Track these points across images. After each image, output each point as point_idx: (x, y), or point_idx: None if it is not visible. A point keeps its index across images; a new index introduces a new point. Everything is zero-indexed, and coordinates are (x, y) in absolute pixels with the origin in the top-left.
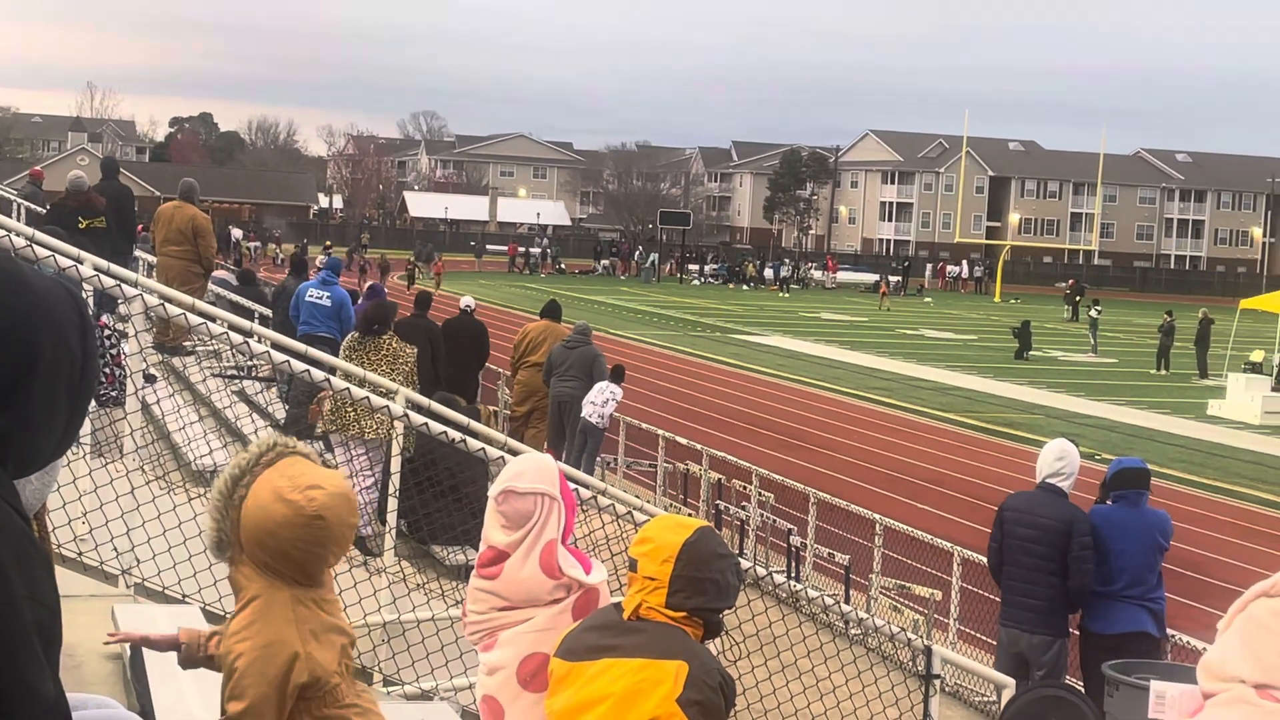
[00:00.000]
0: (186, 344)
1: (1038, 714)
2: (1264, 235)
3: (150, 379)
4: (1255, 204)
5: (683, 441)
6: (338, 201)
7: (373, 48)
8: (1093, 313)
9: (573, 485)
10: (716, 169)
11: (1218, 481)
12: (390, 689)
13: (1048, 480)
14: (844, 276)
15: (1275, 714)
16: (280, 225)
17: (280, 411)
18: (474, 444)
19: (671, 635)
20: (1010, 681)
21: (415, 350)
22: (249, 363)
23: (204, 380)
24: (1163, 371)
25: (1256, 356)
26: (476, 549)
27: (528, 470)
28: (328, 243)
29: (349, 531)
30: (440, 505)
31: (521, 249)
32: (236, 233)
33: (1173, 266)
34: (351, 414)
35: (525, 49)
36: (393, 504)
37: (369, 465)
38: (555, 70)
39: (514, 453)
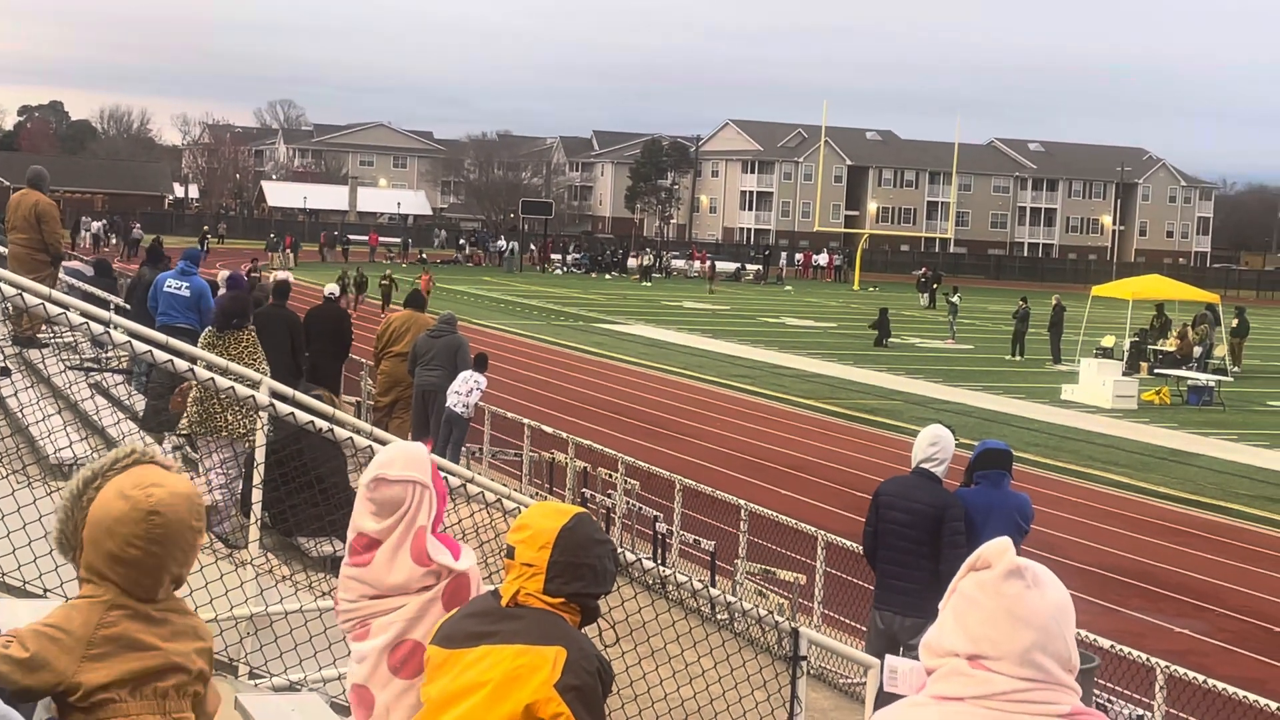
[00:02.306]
0: (41, 335)
1: None
2: (1114, 223)
3: (4, 372)
4: (1105, 193)
5: (548, 430)
6: (193, 191)
7: (228, 35)
8: (954, 299)
9: (442, 474)
10: (578, 158)
11: (1071, 464)
12: (257, 681)
13: (922, 465)
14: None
15: (987, 683)
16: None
17: (140, 403)
18: (341, 433)
19: (549, 621)
20: (876, 662)
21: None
22: (105, 355)
23: (61, 372)
24: (1018, 357)
25: (1108, 342)
26: (343, 540)
27: (398, 458)
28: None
29: (190, 535)
30: (305, 497)
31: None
32: (96, 225)
33: (1026, 254)
34: (216, 407)
35: (384, 37)
36: (257, 495)
37: (234, 457)
38: (415, 59)
39: (380, 443)
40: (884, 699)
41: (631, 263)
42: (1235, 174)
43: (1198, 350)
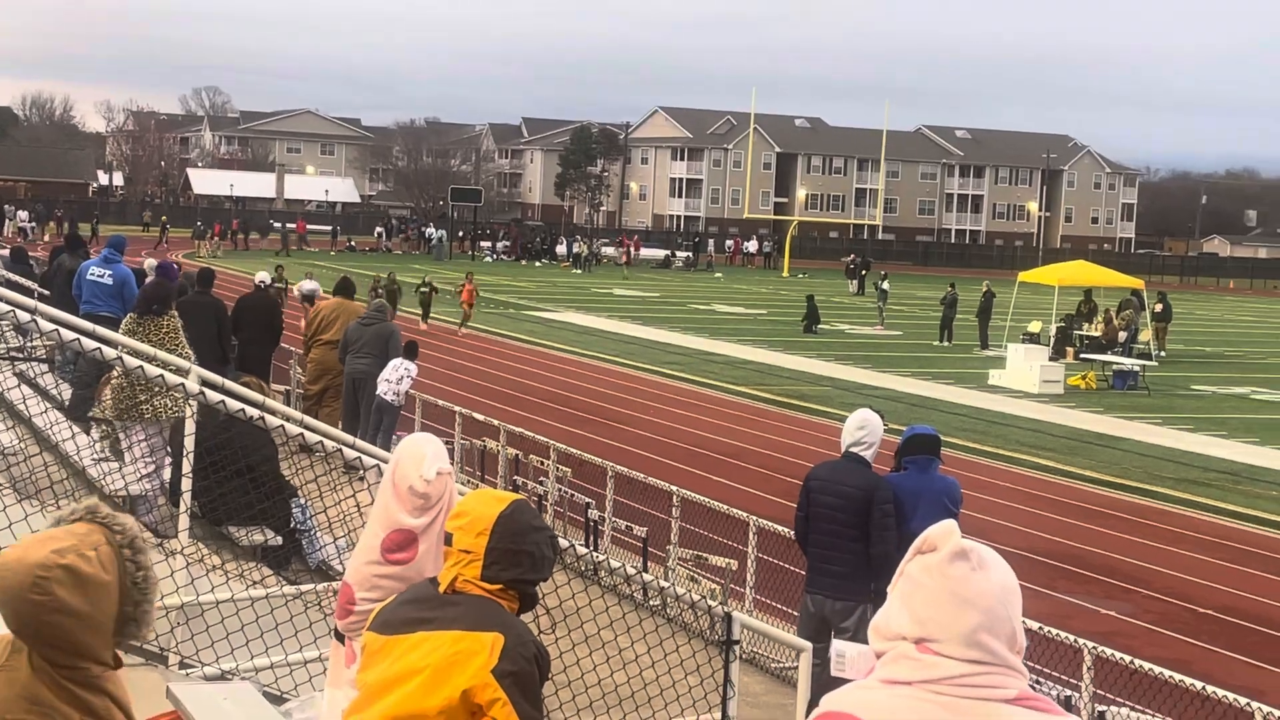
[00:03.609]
0: None
1: None
2: (1040, 210)
3: None
4: (1031, 179)
5: (479, 418)
6: (118, 179)
7: (153, 22)
8: (883, 286)
9: (374, 462)
10: (507, 145)
11: (998, 449)
12: (188, 670)
13: (850, 449)
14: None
15: (934, 667)
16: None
17: (65, 392)
18: (271, 422)
19: (487, 608)
20: (808, 645)
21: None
22: (29, 343)
23: None
24: (946, 343)
25: (1034, 327)
26: (272, 529)
27: (439, 450)
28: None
29: (20, 606)
30: (235, 485)
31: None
32: (23, 214)
33: (953, 241)
34: (139, 394)
35: (311, 23)
36: (187, 484)
37: (161, 445)
38: (343, 46)
39: (310, 430)
40: (832, 683)
41: (560, 250)
42: (1159, 161)
43: (1123, 335)
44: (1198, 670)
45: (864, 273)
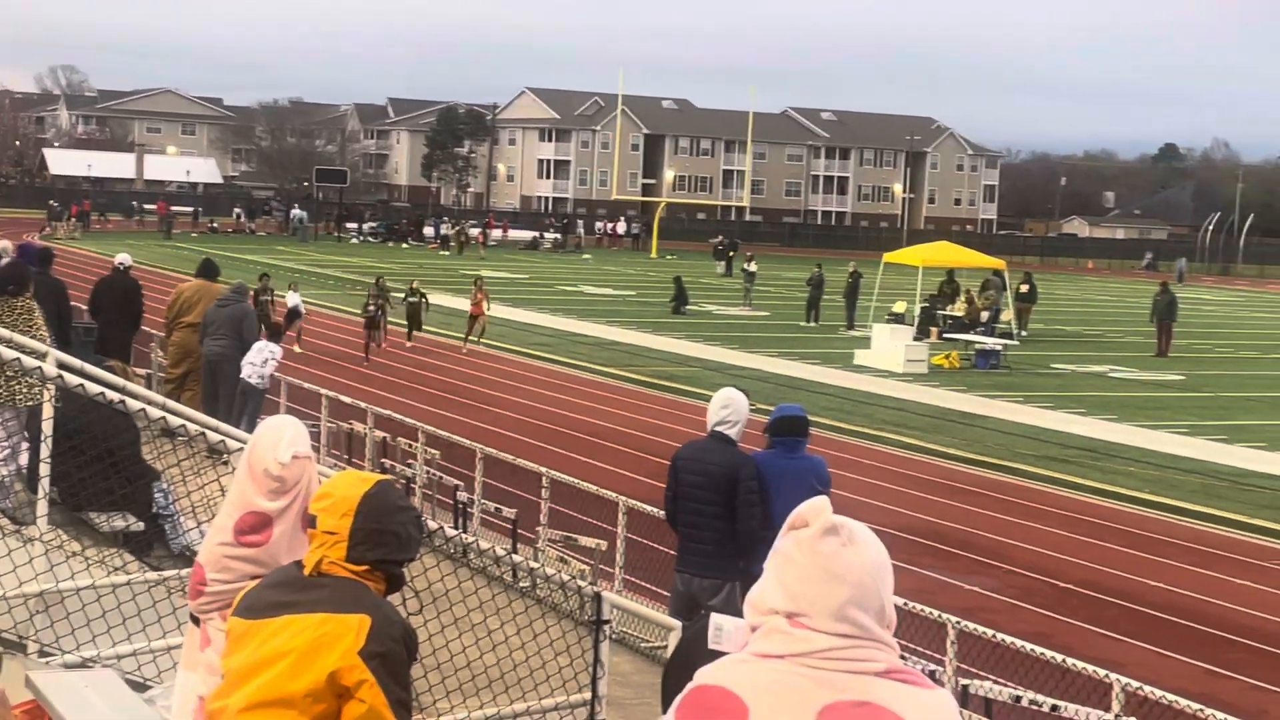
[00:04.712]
0: None
1: (702, 641)
2: (904, 191)
3: None
4: (896, 161)
5: (346, 400)
6: None
7: None
8: (749, 267)
9: (237, 446)
10: (373, 126)
11: (864, 427)
12: (48, 658)
13: (716, 428)
14: (497, 234)
15: (806, 640)
16: None
17: None
18: (132, 405)
19: (353, 589)
20: (678, 624)
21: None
22: None
23: None
24: (813, 323)
25: (899, 308)
26: (133, 515)
27: (299, 433)
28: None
29: None
30: (95, 470)
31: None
32: None
33: (820, 222)
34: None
35: (171, 1)
36: (45, 469)
37: (19, 429)
38: (203, 23)
39: (172, 414)
40: (709, 655)
41: (428, 231)
42: (1019, 143)
43: (985, 315)
44: (1058, 643)
45: (731, 254)
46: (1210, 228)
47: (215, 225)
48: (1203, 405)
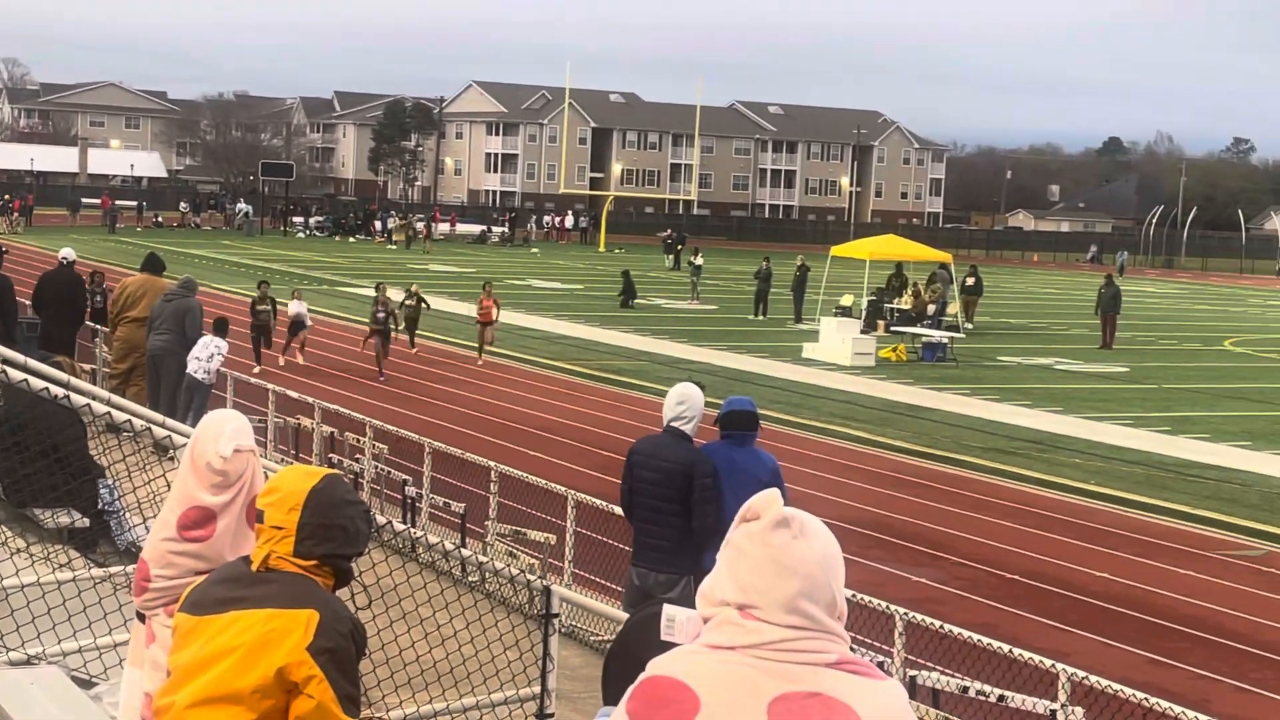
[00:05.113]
0: None
1: (647, 626)
2: (851, 185)
3: None
4: (843, 155)
5: (294, 395)
6: None
7: None
8: (695, 260)
9: (184, 441)
10: (319, 119)
11: (812, 420)
12: None
13: (671, 424)
14: (444, 228)
15: (757, 632)
16: None
17: None
18: (77, 401)
19: (301, 585)
20: (626, 618)
21: None
22: None
23: None
24: (761, 317)
25: (846, 301)
26: (79, 510)
27: (241, 427)
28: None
29: None
30: (40, 466)
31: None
32: None
33: (767, 216)
34: None
35: None
36: None
37: None
38: (147, 16)
39: (117, 409)
40: (649, 645)
41: (374, 225)
42: (965, 137)
43: (932, 308)
44: (1005, 634)
45: (679, 248)
46: (1154, 221)
47: (160, 219)
48: (1146, 397)
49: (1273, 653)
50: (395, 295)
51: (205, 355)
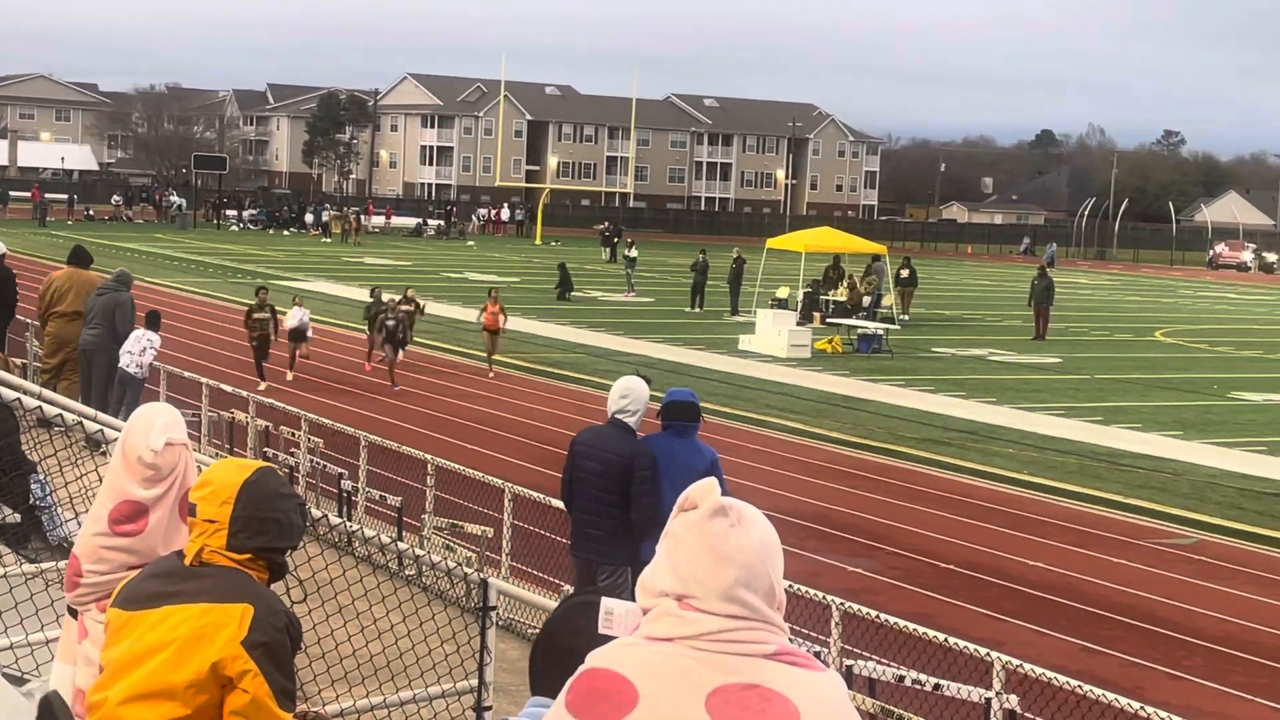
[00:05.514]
0: None
1: (571, 616)
2: (786, 177)
3: None
4: (778, 147)
5: (228, 389)
6: None
7: None
8: (631, 252)
9: (115, 435)
10: (252, 112)
11: (749, 412)
12: None
13: (615, 416)
14: (380, 220)
15: (695, 623)
16: None
17: None
18: (7, 395)
19: (236, 579)
20: None
21: None
22: None
23: None
24: (697, 309)
25: (782, 293)
26: (9, 506)
27: (172, 421)
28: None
29: None
30: None
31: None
32: None
33: (703, 208)
34: None
35: None
36: None
37: None
38: (76, 7)
39: (48, 403)
40: (589, 635)
41: (310, 218)
42: (900, 130)
43: (867, 300)
44: (941, 623)
45: (616, 240)
46: (1086, 213)
47: (91, 213)
48: (1079, 387)
49: (1204, 640)
50: (387, 299)
51: (137, 349)
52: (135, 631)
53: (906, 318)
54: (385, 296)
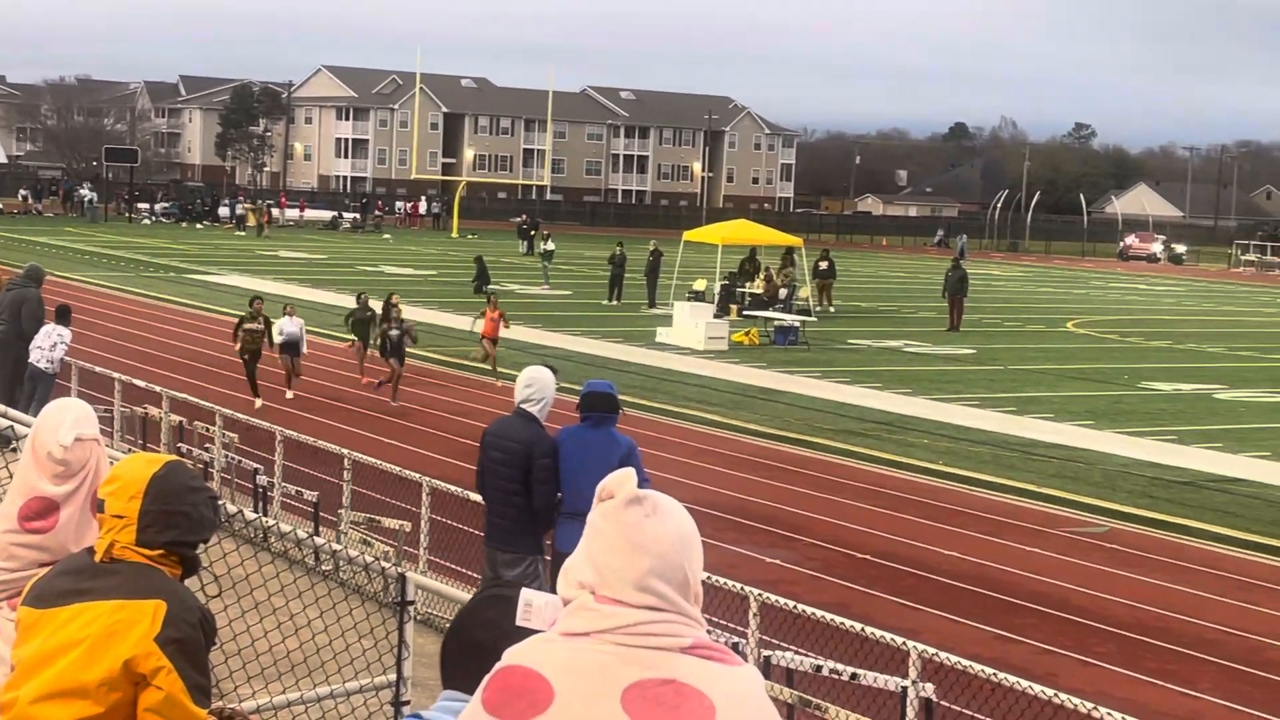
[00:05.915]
0: None
1: (481, 609)
2: (703, 170)
3: None
4: (695, 140)
5: (140, 384)
6: None
7: None
8: (547, 245)
9: (26, 431)
10: (164, 104)
11: (667, 405)
12: None
13: (521, 406)
14: (294, 214)
15: (610, 616)
16: None
17: None
18: None
19: (147, 575)
20: None
21: None
22: None
23: None
24: (615, 302)
25: (699, 285)
26: None
27: (84, 416)
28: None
29: None
30: None
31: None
32: None
33: (620, 201)
34: None
35: None
36: None
37: None
38: None
39: None
40: (484, 626)
41: (223, 211)
42: (815, 123)
43: (784, 292)
44: (857, 613)
45: (533, 233)
46: (999, 205)
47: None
48: (992, 378)
49: (1116, 627)
50: (374, 305)
51: (48, 344)
52: (46, 629)
53: (833, 309)
54: (373, 303)
